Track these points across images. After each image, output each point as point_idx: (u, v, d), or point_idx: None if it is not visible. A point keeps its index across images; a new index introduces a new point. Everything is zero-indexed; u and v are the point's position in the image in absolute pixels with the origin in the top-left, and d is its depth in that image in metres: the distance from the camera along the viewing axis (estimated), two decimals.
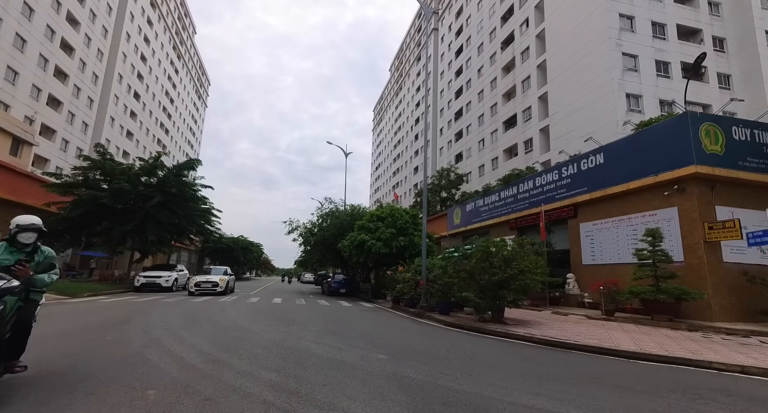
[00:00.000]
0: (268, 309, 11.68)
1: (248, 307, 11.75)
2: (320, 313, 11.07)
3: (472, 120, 45.34)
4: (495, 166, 39.15)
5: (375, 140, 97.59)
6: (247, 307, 11.71)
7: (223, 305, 12.25)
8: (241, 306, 11.87)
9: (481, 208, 22.76)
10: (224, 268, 19.92)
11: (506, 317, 9.65)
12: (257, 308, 11.64)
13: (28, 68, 33.02)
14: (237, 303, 13.20)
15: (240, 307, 11.59)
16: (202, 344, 5.57)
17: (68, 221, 18.99)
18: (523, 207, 18.71)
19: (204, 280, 17.42)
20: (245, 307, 11.70)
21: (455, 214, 26.37)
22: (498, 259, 8.99)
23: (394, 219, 18.72)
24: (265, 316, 9.51)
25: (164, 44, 61.62)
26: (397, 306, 14.24)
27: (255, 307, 11.89)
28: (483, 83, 43.27)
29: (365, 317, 10.86)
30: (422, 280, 12.59)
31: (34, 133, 21.96)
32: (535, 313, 10.12)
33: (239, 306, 12.10)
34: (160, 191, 19.95)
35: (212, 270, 19.70)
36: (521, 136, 35.17)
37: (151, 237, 19.62)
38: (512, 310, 10.50)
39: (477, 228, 23.16)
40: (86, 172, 19.39)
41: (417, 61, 68.30)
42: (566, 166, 15.80)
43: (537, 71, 33.59)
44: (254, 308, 11.61)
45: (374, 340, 6.67)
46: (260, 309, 11.50)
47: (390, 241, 17.66)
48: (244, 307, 11.68)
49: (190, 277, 21.79)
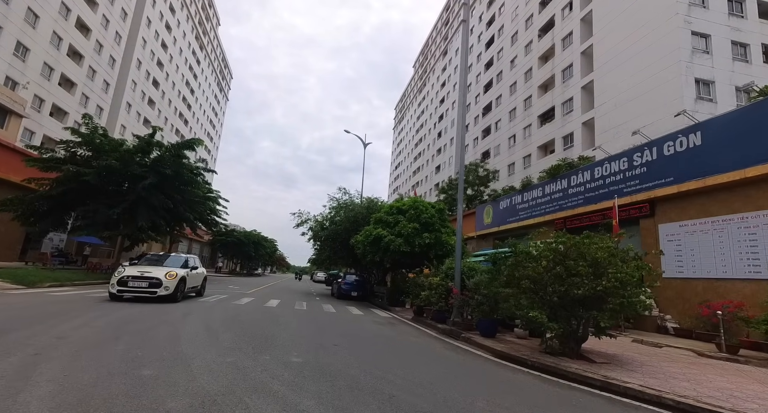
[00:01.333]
0: (251, 316, 8.90)
1: (226, 313, 9.02)
2: (319, 326, 8.19)
3: (502, 115, 41.94)
4: (527, 163, 35.65)
5: (395, 139, 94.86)
6: (224, 313, 8.98)
7: (192, 308, 9.54)
8: (217, 311, 9.12)
9: (518, 205, 19.52)
10: (188, 257, 12.54)
11: (583, 347, 6.57)
12: (237, 314, 8.87)
13: (39, 45, 31.67)
14: (217, 305, 10.50)
15: (215, 312, 8.85)
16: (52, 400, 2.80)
17: (51, 200, 16.99)
18: (574, 203, 15.42)
19: (137, 275, 9.90)
20: (222, 312, 8.95)
21: (486, 213, 23.17)
22: (583, 265, 5.92)
23: (417, 212, 15.75)
24: (236, 330, 6.70)
25: (186, 33, 60.59)
26: (419, 318, 11.27)
27: (235, 313, 9.14)
28: (516, 75, 39.84)
29: (380, 336, 7.92)
30: (456, 288, 9.60)
31: (24, 103, 20.17)
32: (610, 342, 7.11)
33: (216, 310, 9.36)
34: (155, 172, 17.72)
35: (164, 259, 11.98)
36: (560, 130, 31.61)
37: (141, 223, 17.35)
38: None
39: (513, 228, 19.92)
40: (73, 148, 17.30)
41: (443, 55, 65.26)
42: (640, 152, 12.47)
43: (581, 58, 30.01)
44: (233, 314, 8.85)
45: (397, 395, 3.74)
46: (240, 316, 8.73)
47: (412, 238, 14.70)
48: (220, 312, 8.94)
49: None
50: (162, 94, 54.11)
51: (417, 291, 11.29)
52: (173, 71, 56.93)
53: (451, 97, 58.36)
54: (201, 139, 20.23)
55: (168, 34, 53.65)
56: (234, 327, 6.93)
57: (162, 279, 9.87)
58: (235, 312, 9.02)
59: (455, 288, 9.65)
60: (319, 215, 22.66)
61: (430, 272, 11.36)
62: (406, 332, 8.82)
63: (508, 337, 8.36)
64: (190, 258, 12.71)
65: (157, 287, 9.77)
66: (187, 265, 11.81)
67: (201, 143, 19.90)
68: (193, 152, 19.93)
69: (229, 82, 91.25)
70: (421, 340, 7.74)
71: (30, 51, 30.73)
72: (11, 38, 28.75)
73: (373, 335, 7.85)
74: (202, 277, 13.24)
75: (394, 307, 14.94)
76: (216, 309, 9.24)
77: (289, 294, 18.90)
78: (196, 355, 4.55)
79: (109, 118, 41.85)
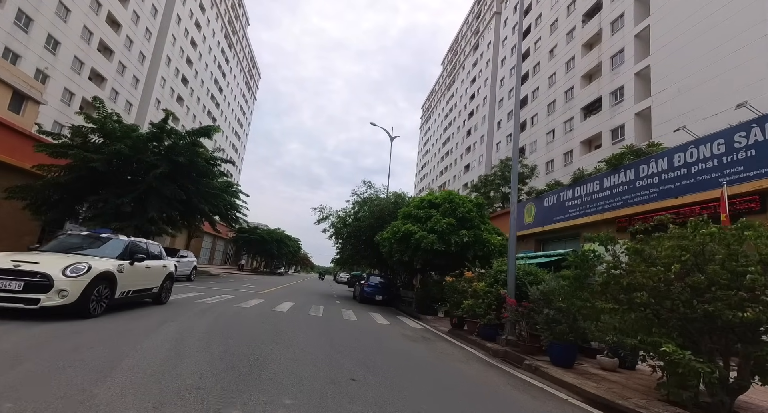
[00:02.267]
0: (249, 326, 7.06)
1: (218, 321, 7.20)
2: (333, 344, 6.22)
3: (539, 108, 38.99)
4: (568, 160, 32.61)
5: (422, 139, 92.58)
6: (216, 321, 7.14)
7: (177, 313, 7.82)
8: (207, 318, 7.27)
9: (568, 202, 16.96)
10: (132, 242, 7.86)
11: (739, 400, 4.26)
12: (231, 323, 7.03)
13: (70, 39, 31.71)
14: (212, 309, 8.71)
15: (203, 320, 7.01)
16: None
17: (61, 188, 16.11)
18: (644, 198, 12.81)
19: (8, 267, 5.51)
20: (213, 320, 7.11)
21: (527, 211, 20.65)
22: (756, 270, 3.66)
23: (452, 206, 13.59)
24: (217, 349, 4.81)
25: (215, 32, 60.91)
26: (459, 331, 9.13)
27: (230, 321, 7.31)
28: (556, 65, 36.85)
29: (415, 362, 5.84)
30: (510, 297, 7.43)
31: (42, 90, 19.62)
32: None
33: (207, 316, 7.53)
34: (168, 160, 16.52)
35: (89, 242, 7.48)
36: (607, 123, 28.49)
37: (152, 214, 16.15)
38: None
39: (560, 229, 17.38)
40: (84, 133, 16.34)
41: (474, 50, 62.56)
42: (745, 131, 9.80)
43: (635, 42, 26.85)
44: (227, 323, 7.02)
45: None
46: (235, 326, 6.90)
47: (447, 235, 12.55)
48: (211, 320, 7.10)
49: None
50: (191, 92, 54.34)
51: (456, 299, 9.17)
52: (202, 69, 57.16)
53: (482, 92, 55.64)
54: (218, 126, 18.92)
55: (197, 31, 53.86)
56: (216, 343, 5.08)
57: (53, 277, 5.55)
58: (230, 320, 7.21)
59: (510, 298, 7.48)
60: (341, 211, 20.87)
61: (474, 276, 9.19)
62: (447, 354, 6.72)
63: (588, 366, 6.11)
64: (138, 243, 8.11)
65: (42, 291, 5.47)
66: (129, 254, 7.25)
67: (218, 130, 18.58)
68: (210, 140, 18.62)
69: (257, 82, 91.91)
70: (472, 369, 5.63)
71: (61, 44, 30.76)
72: (42, 31, 28.80)
73: (405, 359, 5.81)
74: (161, 275, 8.47)
75: (425, 315, 12.84)
76: (208, 316, 7.47)
77: (306, 295, 17.16)
78: (114, 401, 2.68)
79: (138, 114, 42.01)
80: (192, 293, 11.42)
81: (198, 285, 15.03)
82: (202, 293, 11.73)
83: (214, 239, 55.20)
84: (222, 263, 60.47)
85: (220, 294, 11.99)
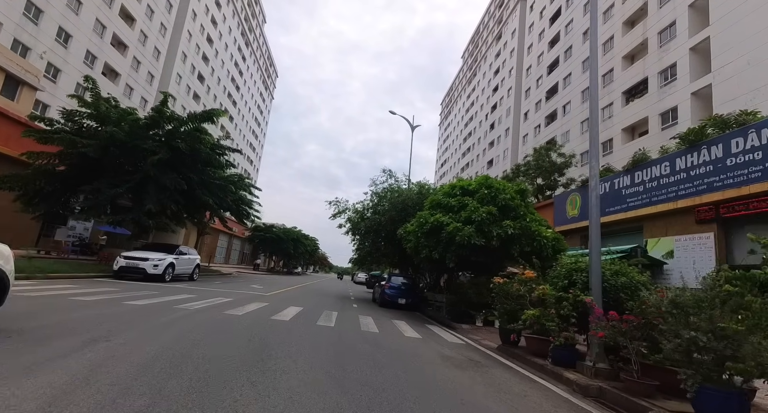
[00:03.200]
0: (228, 344, 4.98)
1: (191, 333, 5.15)
2: (342, 377, 4.06)
3: (572, 96, 35.97)
4: (607, 149, 29.57)
5: (441, 136, 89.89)
6: (188, 333, 5.12)
7: (147, 317, 5.84)
8: (177, 329, 5.26)
9: (626, 189, 14.32)
10: None
11: None
12: (205, 340, 4.93)
13: (82, 32, 30.93)
14: (190, 317, 6.64)
15: (169, 332, 5.03)
16: None
17: (52, 177, 14.67)
18: (739, 180, 10.14)
19: None
20: (184, 332, 5.10)
21: (570, 203, 18.05)
22: None
23: (492, 192, 11.26)
24: (148, 395, 2.77)
25: (232, 29, 60.21)
26: (514, 348, 6.83)
27: (209, 334, 5.26)
28: None
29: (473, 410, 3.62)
30: (597, 305, 5.12)
31: (38, 74, 18.41)
32: None
33: (175, 328, 5.48)
34: (167, 146, 14.88)
35: None
36: (655, 106, 25.38)
37: (149, 206, 14.51)
38: None
39: (615, 221, 14.74)
40: (78, 119, 14.86)
41: (496, 40, 59.62)
42: None
43: (689, 12, 23.70)
44: (200, 339, 4.94)
45: None
46: (206, 343, 4.84)
47: (488, 226, 10.23)
48: (183, 330, 5.10)
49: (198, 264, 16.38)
50: (207, 89, 53.62)
51: (509, 307, 6.88)
52: (218, 67, 56.46)
53: (506, 83, 52.71)
54: (223, 110, 17.18)
55: (213, 28, 53.13)
56: (141, 389, 3.01)
57: None
58: (202, 337, 5.14)
59: (598, 307, 5.15)
60: (358, 203, 18.73)
61: (537, 276, 6.85)
62: (518, 393, 4.44)
63: None
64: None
65: None
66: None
67: (223, 114, 16.85)
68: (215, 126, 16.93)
69: (274, 81, 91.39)
70: None
71: (72, 37, 29.98)
72: (53, 23, 28.02)
73: (460, 409, 3.60)
74: None
75: (459, 324, 10.55)
76: (174, 329, 5.41)
77: (319, 297, 15.11)
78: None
79: None
80: (180, 295, 9.51)
81: (196, 286, 13.22)
82: (194, 295, 9.82)
83: (230, 238, 54.26)
84: (239, 262, 59.57)
85: (215, 297, 10.05)
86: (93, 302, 6.89)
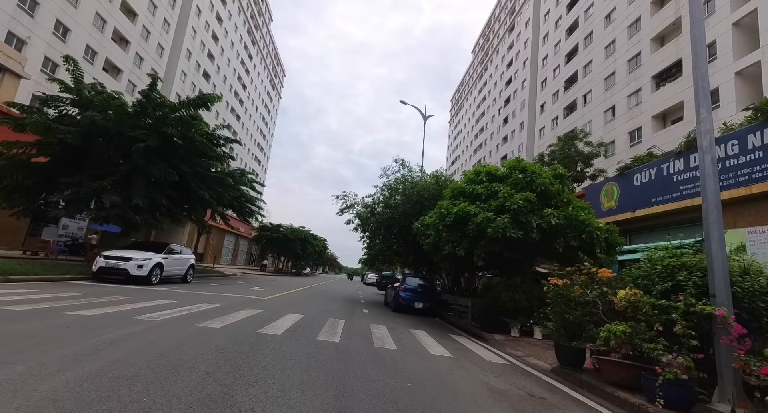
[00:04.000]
0: (173, 382, 3.30)
1: (125, 362, 3.52)
2: None
3: (594, 84, 33.78)
4: (636, 139, 27.39)
5: (451, 133, 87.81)
6: (163, 346, 3.55)
7: (84, 335, 4.19)
8: (145, 340, 3.68)
9: (678, 176, 12.33)
10: None
11: None
12: (143, 375, 3.33)
13: (82, 26, 29.85)
14: (151, 332, 5.05)
15: (132, 345, 3.45)
16: None
17: (32, 170, 13.27)
18: None
19: None
20: (156, 346, 3.51)
21: (605, 194, 16.09)
22: None
23: (526, 176, 9.43)
24: None
25: (238, 26, 59.20)
26: (576, 373, 5.01)
27: (154, 363, 3.62)
28: (615, 31, 31.60)
29: None
30: (731, 320, 3.32)
31: (22, 61, 17.16)
32: None
33: (111, 352, 3.90)
34: (156, 134, 13.39)
35: None
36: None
37: (136, 201, 13.02)
38: None
39: (664, 213, 12.76)
40: (58, 104, 13.46)
41: (509, 32, 57.48)
42: None
43: None
44: (135, 375, 3.32)
45: None
46: (180, 361, 3.22)
47: (525, 216, 8.41)
48: (156, 344, 3.50)
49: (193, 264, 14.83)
50: (213, 88, 52.55)
51: (574, 317, 5.08)
52: (224, 65, 55.41)
53: (521, 75, 50.57)
54: (218, 95, 15.64)
55: (219, 25, 52.10)
56: None
57: None
58: (143, 364, 3.46)
59: (734, 323, 3.35)
60: (368, 197, 17.00)
61: (614, 276, 5.03)
62: None
63: None
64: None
65: None
66: None
67: (218, 99, 15.32)
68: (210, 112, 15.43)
69: (281, 80, 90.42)
70: None
71: (71, 31, 28.90)
72: (50, 16, 26.94)
73: None
74: None
75: (491, 333, 8.75)
76: (114, 349, 3.75)
77: (324, 301, 13.39)
78: None
79: None
80: (156, 301, 7.90)
81: (185, 290, 11.63)
82: (174, 301, 8.20)
83: (237, 238, 53.07)
84: (246, 263, 58.38)
85: (199, 303, 8.41)
86: (27, 313, 5.29)
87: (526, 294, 8.98)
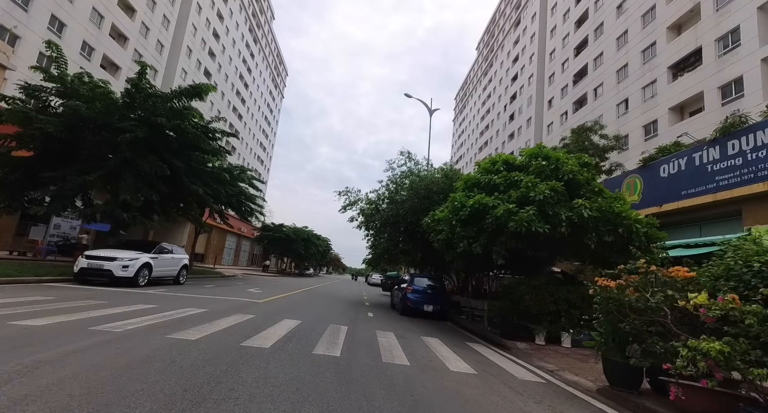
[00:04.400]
0: (144, 401, 2.31)
1: (120, 366, 2.57)
2: None
3: (605, 77, 32.62)
4: (651, 132, 26.21)
5: (456, 131, 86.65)
6: (110, 368, 2.58)
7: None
8: (91, 360, 2.73)
9: (713, 166, 11.22)
10: None
11: None
12: (131, 381, 2.39)
13: (78, 21, 29.11)
14: (106, 349, 4.09)
15: (71, 368, 2.49)
16: None
17: (13, 163, 12.40)
18: None
19: None
20: (99, 369, 2.55)
21: (627, 187, 15.00)
22: None
23: (550, 164, 8.40)
24: None
25: (239, 24, 58.48)
26: (634, 397, 4.00)
27: (146, 367, 2.67)
28: (627, 21, 30.43)
29: None
30: None
31: (7, 51, 16.37)
32: None
33: (105, 352, 2.95)
34: (146, 124, 12.49)
35: None
36: (713, 78, 21.94)
37: (123, 197, 12.12)
38: None
39: (700, 205, 11.64)
40: (41, 94, 12.59)
41: (515, 26, 56.31)
42: None
43: None
44: (130, 374, 2.36)
45: None
46: (124, 393, 2.23)
47: (552, 208, 7.38)
48: (102, 366, 2.54)
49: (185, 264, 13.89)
50: (214, 85, 51.78)
51: (633, 327, 4.06)
52: (226, 63, 54.67)
53: (527, 70, 49.42)
54: (213, 85, 14.73)
55: (220, 23, 51.37)
56: None
57: None
58: (63, 402, 2.52)
59: None
60: (372, 192, 16.00)
61: (693, 274, 3.99)
62: None
63: None
64: None
65: None
66: None
67: (213, 89, 14.42)
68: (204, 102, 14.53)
69: (284, 79, 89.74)
70: None
71: (67, 26, 28.17)
72: (45, 10, 26.22)
73: None
74: None
75: (512, 341, 7.73)
76: (39, 375, 2.81)
77: (326, 304, 12.39)
78: None
79: None
80: (133, 306, 6.94)
81: (174, 292, 10.68)
82: (154, 306, 7.24)
83: (239, 238, 52.26)
84: (249, 264, 57.54)
85: (184, 308, 7.44)
86: None
87: (552, 297, 7.93)
